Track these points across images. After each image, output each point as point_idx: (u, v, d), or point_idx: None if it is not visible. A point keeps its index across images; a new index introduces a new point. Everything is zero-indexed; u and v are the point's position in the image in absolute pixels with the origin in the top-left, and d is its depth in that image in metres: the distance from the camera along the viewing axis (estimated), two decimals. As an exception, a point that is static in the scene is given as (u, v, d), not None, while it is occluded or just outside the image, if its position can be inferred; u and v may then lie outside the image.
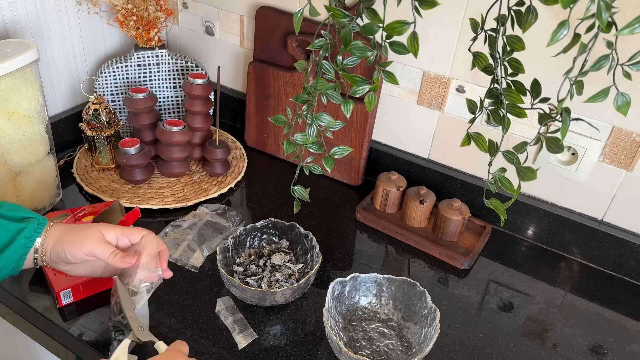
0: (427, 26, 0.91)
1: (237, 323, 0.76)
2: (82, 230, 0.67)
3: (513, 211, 0.98)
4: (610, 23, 0.47)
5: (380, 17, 0.62)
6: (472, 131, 0.69)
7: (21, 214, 0.66)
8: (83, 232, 0.66)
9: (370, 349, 0.75)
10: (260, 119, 1.15)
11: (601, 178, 0.89)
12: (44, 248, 0.66)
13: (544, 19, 0.78)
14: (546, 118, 0.61)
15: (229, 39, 1.18)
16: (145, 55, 1.08)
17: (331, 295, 0.74)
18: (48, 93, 1.09)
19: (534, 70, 0.81)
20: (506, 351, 0.77)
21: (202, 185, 1.05)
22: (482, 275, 0.91)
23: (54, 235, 0.66)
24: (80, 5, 1.08)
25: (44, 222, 0.67)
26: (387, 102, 1.03)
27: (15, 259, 0.64)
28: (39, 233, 0.66)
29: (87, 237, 0.65)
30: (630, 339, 0.81)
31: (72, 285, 0.76)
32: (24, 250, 0.65)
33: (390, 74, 0.69)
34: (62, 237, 0.66)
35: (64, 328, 0.75)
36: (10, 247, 0.64)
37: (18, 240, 0.64)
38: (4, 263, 0.64)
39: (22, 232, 0.64)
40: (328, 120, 0.77)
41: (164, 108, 1.17)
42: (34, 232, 0.66)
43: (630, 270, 0.91)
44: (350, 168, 1.09)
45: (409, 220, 0.98)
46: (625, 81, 0.54)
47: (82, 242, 0.65)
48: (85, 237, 0.65)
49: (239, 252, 0.87)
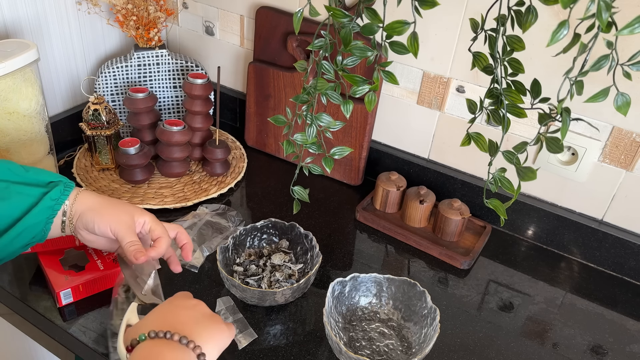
0: (427, 26, 0.91)
1: (237, 323, 0.76)
2: (116, 207, 0.68)
3: (513, 211, 0.98)
4: (610, 23, 0.47)
5: (380, 17, 0.62)
6: (472, 131, 0.69)
7: (47, 178, 0.66)
8: (116, 210, 0.67)
9: (370, 349, 0.75)
10: (260, 119, 1.15)
11: (601, 178, 0.89)
12: (72, 212, 0.66)
13: (544, 19, 0.78)
14: (546, 118, 0.61)
15: (229, 39, 1.18)
16: (145, 55, 1.08)
17: (331, 295, 0.74)
18: (48, 93, 1.09)
19: (534, 70, 0.81)
20: (506, 351, 0.77)
21: (202, 185, 1.05)
22: (482, 275, 0.91)
23: (86, 201, 0.67)
24: (80, 5, 1.08)
25: (71, 185, 0.67)
26: (387, 102, 1.04)
27: (43, 220, 0.64)
28: (67, 195, 0.66)
29: (118, 218, 0.66)
30: (630, 339, 0.81)
31: (72, 285, 0.76)
32: (51, 213, 0.64)
33: (390, 74, 0.69)
34: (96, 207, 0.66)
35: (64, 328, 0.75)
36: (36, 209, 0.63)
37: (44, 201, 0.64)
38: (28, 224, 0.63)
39: (48, 194, 0.64)
40: (328, 121, 0.77)
41: (164, 108, 1.17)
42: (61, 194, 0.65)
43: (630, 270, 0.91)
44: (350, 168, 1.09)
45: (409, 220, 0.98)
46: (625, 81, 0.54)
47: (112, 221, 0.66)
48: (116, 216, 0.66)
49: (239, 252, 0.87)
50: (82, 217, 0.66)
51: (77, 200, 0.66)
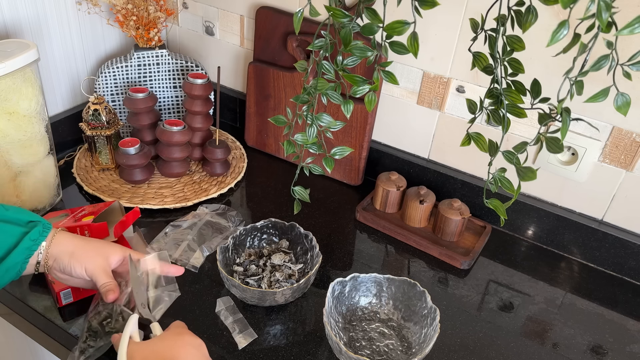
0: (427, 26, 0.91)
1: (237, 323, 0.76)
2: (91, 249, 0.69)
3: (513, 211, 0.98)
4: (610, 23, 0.47)
5: (380, 17, 0.62)
6: (472, 131, 0.69)
7: (27, 217, 0.67)
8: (92, 253, 0.68)
9: (370, 349, 0.75)
10: (260, 119, 1.15)
11: (601, 178, 0.89)
12: (48, 254, 0.67)
13: (544, 19, 0.78)
14: (546, 118, 0.61)
15: (229, 39, 1.18)
16: (145, 55, 1.08)
17: (331, 295, 0.74)
18: (48, 93, 1.09)
19: (534, 70, 0.81)
20: (506, 351, 0.77)
21: (202, 185, 1.05)
22: (482, 275, 0.91)
23: (62, 244, 0.67)
24: (80, 5, 1.08)
25: (49, 226, 0.68)
26: (387, 102, 1.04)
27: (20, 261, 0.65)
28: (44, 237, 0.67)
29: (93, 261, 0.68)
30: (630, 339, 0.81)
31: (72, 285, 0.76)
32: (28, 253, 0.65)
33: (390, 74, 0.69)
34: (72, 250, 0.67)
35: (64, 328, 0.75)
36: (16, 250, 0.64)
37: (24, 242, 0.64)
38: (8, 266, 0.64)
39: (28, 234, 0.65)
40: (328, 121, 0.77)
41: (164, 108, 1.17)
42: (40, 235, 0.66)
43: (630, 270, 0.91)
44: (350, 168, 1.09)
45: (409, 220, 0.98)
46: (625, 81, 0.54)
47: (87, 263, 0.67)
48: (91, 259, 0.68)
49: (239, 252, 0.87)
50: (58, 260, 0.67)
51: (53, 242, 0.67)
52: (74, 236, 0.69)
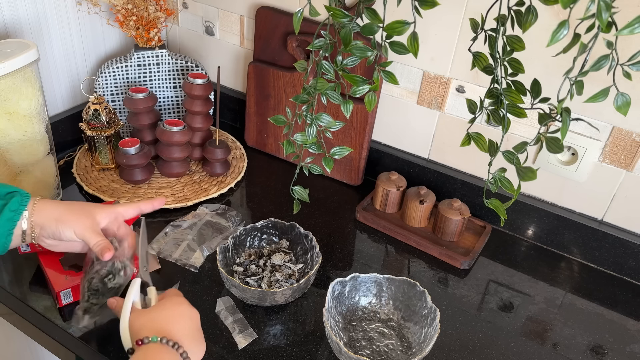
0: (427, 26, 0.91)
1: (237, 323, 0.77)
2: (77, 211, 0.69)
3: (513, 211, 0.98)
4: (610, 23, 0.47)
5: (380, 17, 0.62)
6: (472, 131, 0.69)
7: (4, 190, 0.67)
8: (78, 214, 0.69)
9: (370, 349, 0.75)
10: (260, 119, 1.15)
11: (601, 178, 0.89)
12: (32, 222, 0.67)
13: (544, 19, 0.78)
14: (546, 118, 0.61)
15: (229, 39, 1.18)
16: (145, 55, 1.08)
17: (331, 295, 0.74)
18: (48, 93, 1.09)
19: (534, 70, 0.81)
20: (506, 351, 0.77)
21: (202, 185, 1.05)
22: (482, 275, 0.91)
23: (46, 211, 0.68)
24: (80, 5, 1.08)
25: (27, 195, 0.68)
26: (387, 102, 1.04)
27: (4, 233, 0.65)
28: (24, 206, 0.67)
29: (81, 222, 0.68)
30: (630, 339, 0.81)
31: (72, 285, 0.76)
32: (11, 225, 0.65)
33: (390, 74, 0.69)
34: (58, 215, 0.68)
35: (64, 328, 0.75)
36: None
37: (4, 214, 0.64)
38: None
39: (7, 205, 0.65)
40: (328, 121, 0.77)
41: (164, 108, 1.17)
42: (19, 205, 0.66)
43: (630, 270, 0.91)
44: (350, 168, 1.09)
45: (409, 220, 0.98)
46: (625, 81, 0.54)
47: (76, 226, 0.68)
48: (79, 221, 0.68)
49: (239, 252, 0.87)
50: (45, 227, 0.67)
51: (35, 210, 0.67)
52: (56, 202, 0.70)
